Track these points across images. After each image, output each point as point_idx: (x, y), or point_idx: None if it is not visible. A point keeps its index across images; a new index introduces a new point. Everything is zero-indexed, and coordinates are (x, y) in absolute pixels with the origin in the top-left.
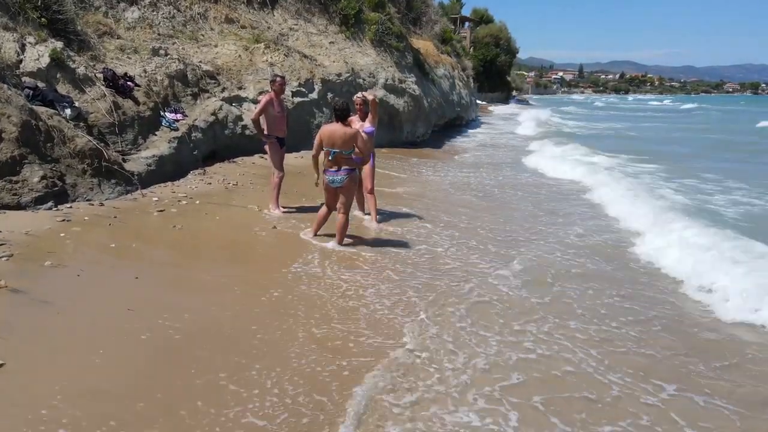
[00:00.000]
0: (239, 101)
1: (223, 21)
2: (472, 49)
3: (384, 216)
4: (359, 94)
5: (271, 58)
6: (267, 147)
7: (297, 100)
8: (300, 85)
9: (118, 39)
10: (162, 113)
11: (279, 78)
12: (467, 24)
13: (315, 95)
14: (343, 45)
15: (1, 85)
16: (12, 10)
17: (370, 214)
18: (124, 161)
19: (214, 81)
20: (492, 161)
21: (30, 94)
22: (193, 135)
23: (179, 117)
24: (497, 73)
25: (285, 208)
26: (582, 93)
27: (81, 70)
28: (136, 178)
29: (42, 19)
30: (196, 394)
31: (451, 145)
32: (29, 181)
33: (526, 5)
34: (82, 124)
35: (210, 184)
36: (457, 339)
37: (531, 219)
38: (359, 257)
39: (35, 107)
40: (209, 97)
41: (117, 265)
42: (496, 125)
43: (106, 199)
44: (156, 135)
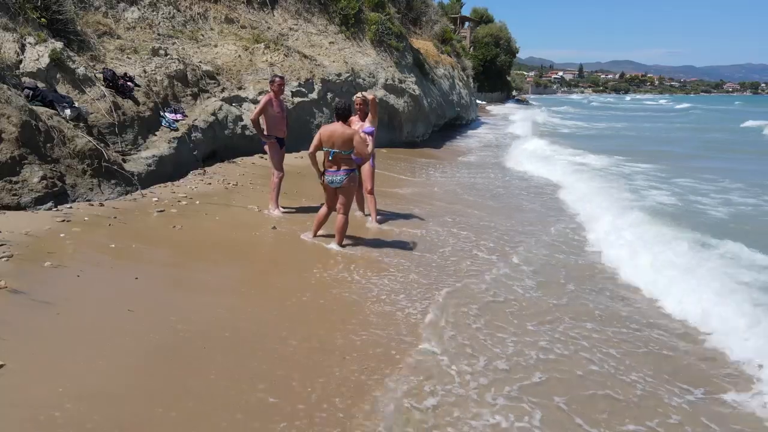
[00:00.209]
0: (239, 101)
1: (223, 21)
2: (471, 49)
3: (384, 216)
4: (359, 94)
5: (271, 58)
6: (267, 147)
7: (297, 100)
8: (300, 85)
9: (117, 39)
10: (162, 113)
11: (278, 78)
12: (467, 24)
13: (315, 95)
14: (343, 45)
15: (1, 86)
16: (12, 10)
17: (370, 214)
18: (124, 161)
19: (213, 81)
20: (492, 161)
21: (30, 94)
22: (193, 135)
23: (179, 117)
24: (497, 73)
25: (285, 208)
26: (582, 93)
27: (81, 70)
28: (135, 178)
29: (42, 20)
30: (229, 404)
31: (451, 145)
32: (29, 182)
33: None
34: (81, 124)
35: (210, 184)
36: (476, 340)
37: (538, 219)
38: (359, 257)
39: (35, 108)
40: (209, 98)
41: (117, 266)
42: (495, 125)
43: (106, 200)
44: (156, 135)
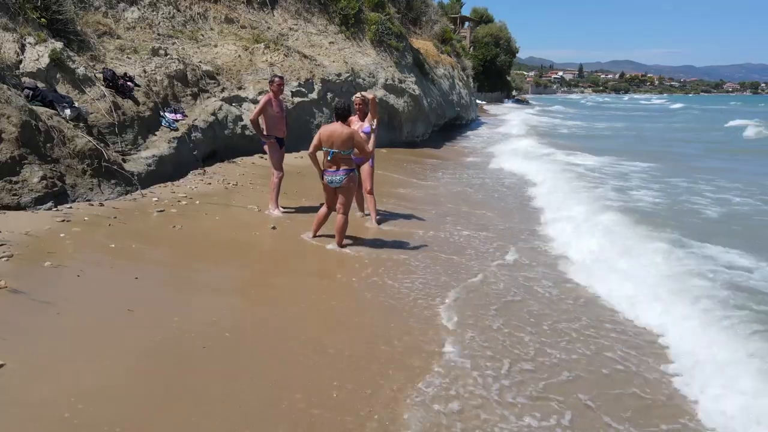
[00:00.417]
0: (239, 101)
1: (223, 21)
2: (471, 49)
3: (383, 216)
4: (358, 93)
5: (271, 58)
6: (266, 147)
7: (297, 100)
8: (300, 85)
9: (117, 39)
10: (162, 113)
11: (277, 78)
12: (467, 24)
13: (315, 95)
14: (343, 45)
15: (1, 86)
16: (12, 10)
17: (369, 214)
18: (123, 161)
19: (213, 81)
20: (490, 161)
21: (30, 94)
22: (193, 135)
23: (179, 117)
24: (497, 73)
25: (285, 208)
26: (582, 93)
27: (81, 70)
28: (135, 178)
29: (42, 20)
30: (229, 403)
31: (451, 145)
32: (29, 182)
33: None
34: (81, 124)
35: (210, 184)
36: (495, 341)
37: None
38: (359, 258)
39: (35, 108)
40: (209, 97)
41: (117, 266)
42: (495, 125)
43: (105, 200)
44: (156, 135)
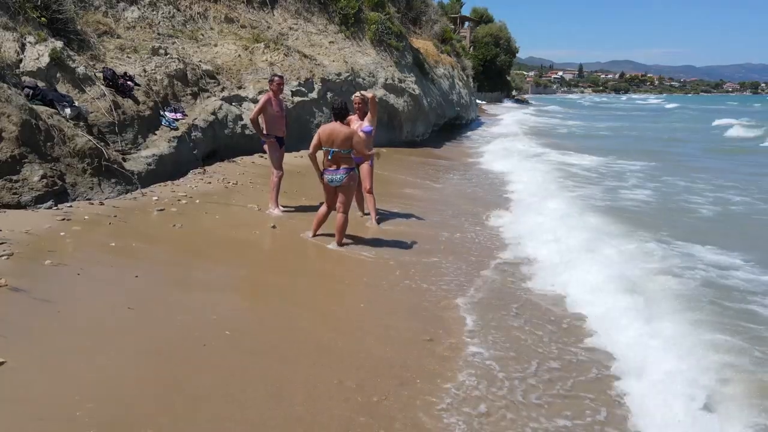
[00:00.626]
0: (239, 101)
1: (223, 20)
2: (471, 49)
3: (383, 216)
4: (358, 93)
5: (271, 57)
6: (266, 146)
7: (297, 99)
8: (300, 85)
9: (117, 38)
10: (162, 112)
11: (277, 77)
12: (467, 23)
13: (315, 95)
14: (343, 44)
15: (1, 85)
16: (12, 9)
17: (369, 213)
18: (124, 160)
19: (213, 80)
20: (489, 160)
21: (30, 93)
22: (193, 134)
23: (179, 116)
24: (497, 73)
25: (284, 207)
26: (582, 93)
27: (81, 69)
28: (135, 177)
29: (42, 19)
30: (229, 401)
31: (451, 145)
32: (29, 180)
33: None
34: (82, 123)
35: (210, 183)
36: (516, 340)
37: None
38: (359, 257)
39: (35, 106)
40: (209, 97)
41: (117, 264)
42: (494, 125)
43: (106, 199)
44: (156, 134)
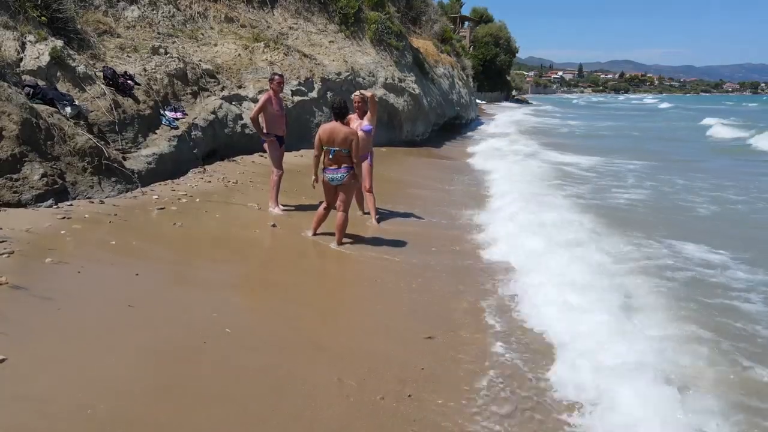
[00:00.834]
0: (239, 100)
1: (223, 20)
2: (471, 49)
3: (383, 215)
4: (357, 92)
5: (271, 57)
6: (266, 145)
7: (297, 99)
8: (300, 84)
9: (118, 38)
10: (162, 112)
11: (277, 76)
12: (467, 23)
13: (315, 94)
14: (343, 44)
15: (2, 84)
16: (12, 8)
17: (369, 213)
18: (124, 159)
19: (213, 80)
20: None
21: (30, 92)
22: (193, 133)
23: (179, 115)
24: (497, 73)
25: (285, 206)
26: (581, 93)
27: (81, 68)
28: (136, 176)
29: (42, 18)
30: (229, 399)
31: (451, 144)
32: (30, 179)
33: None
34: (82, 122)
35: (210, 182)
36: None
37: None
38: (359, 256)
39: (35, 105)
40: (209, 96)
41: (117, 262)
42: (493, 125)
43: (106, 197)
44: (156, 133)
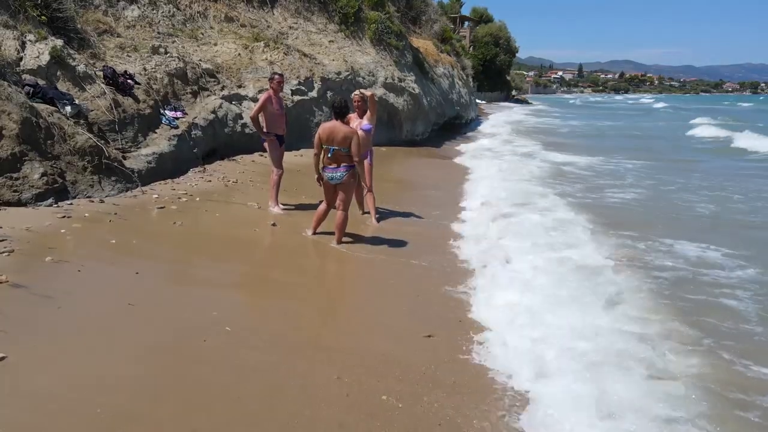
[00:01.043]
0: (239, 99)
1: (223, 20)
2: (471, 49)
3: (383, 214)
4: (357, 91)
5: (271, 56)
6: (266, 144)
7: (297, 98)
8: (300, 84)
9: (117, 37)
10: (162, 111)
11: (277, 75)
12: (467, 23)
13: (314, 93)
14: (343, 44)
15: (2, 83)
16: (12, 7)
17: (369, 212)
18: (124, 159)
19: (213, 79)
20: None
21: (30, 91)
22: (193, 133)
23: (179, 115)
24: (497, 73)
25: (284, 205)
26: (581, 92)
27: (81, 67)
28: (136, 175)
29: (42, 17)
30: (229, 397)
31: (451, 144)
32: (30, 178)
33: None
34: (82, 121)
35: (210, 181)
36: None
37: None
38: (359, 255)
39: (36, 104)
40: (209, 96)
41: (117, 261)
42: (492, 125)
43: (106, 196)
44: (156, 133)
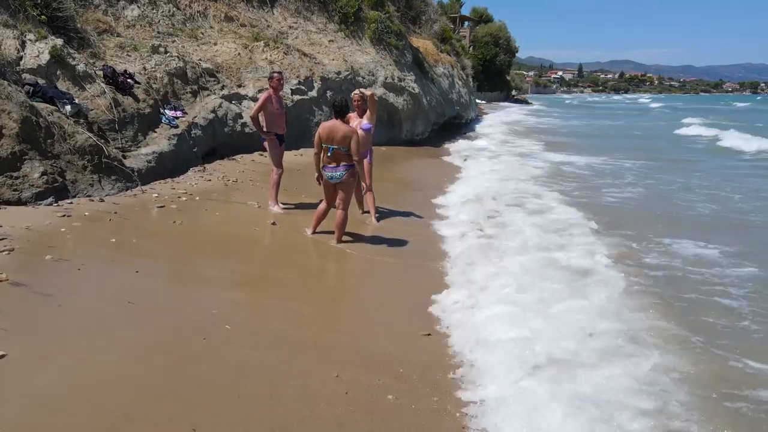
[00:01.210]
0: (239, 99)
1: (223, 19)
2: (471, 48)
3: (383, 214)
4: (357, 90)
5: (271, 56)
6: (266, 144)
7: (296, 98)
8: (299, 83)
9: (117, 37)
10: (162, 110)
11: (276, 74)
12: (467, 23)
13: (314, 93)
14: (343, 43)
15: (2, 82)
16: (12, 7)
17: (368, 211)
18: (124, 158)
19: (213, 79)
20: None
21: (30, 90)
22: (193, 132)
23: (179, 114)
24: (497, 73)
25: (284, 204)
26: (581, 92)
27: (81, 67)
28: (135, 174)
29: (42, 17)
30: (229, 395)
31: (451, 144)
32: (30, 177)
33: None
34: (82, 120)
35: (210, 181)
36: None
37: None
38: (359, 254)
39: (36, 104)
40: (209, 95)
41: (117, 260)
42: (492, 125)
43: (106, 195)
44: (156, 132)
